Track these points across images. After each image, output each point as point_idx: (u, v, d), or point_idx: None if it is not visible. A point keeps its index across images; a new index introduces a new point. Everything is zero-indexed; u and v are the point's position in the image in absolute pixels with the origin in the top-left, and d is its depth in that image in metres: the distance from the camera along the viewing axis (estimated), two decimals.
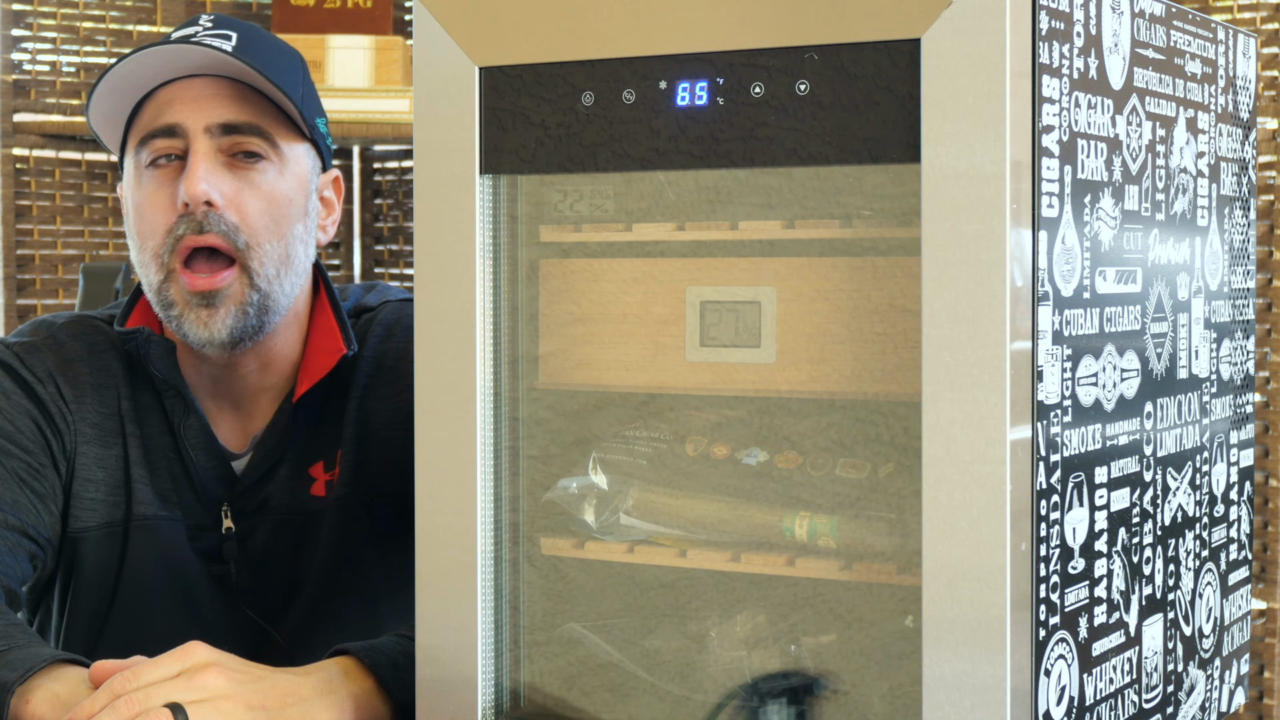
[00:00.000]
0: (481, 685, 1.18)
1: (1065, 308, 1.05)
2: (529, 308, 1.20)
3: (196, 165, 1.51)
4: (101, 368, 1.60)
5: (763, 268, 1.14)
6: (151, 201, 1.54)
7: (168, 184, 1.54)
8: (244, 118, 1.54)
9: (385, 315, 1.68)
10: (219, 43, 1.53)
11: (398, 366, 1.64)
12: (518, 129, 1.16)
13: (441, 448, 1.18)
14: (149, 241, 1.55)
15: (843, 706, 1.12)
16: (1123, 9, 1.13)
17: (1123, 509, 1.14)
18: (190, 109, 1.53)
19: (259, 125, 1.54)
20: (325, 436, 1.63)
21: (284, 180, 1.56)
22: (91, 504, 1.58)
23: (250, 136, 1.54)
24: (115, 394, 1.60)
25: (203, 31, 1.55)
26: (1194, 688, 1.28)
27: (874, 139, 1.04)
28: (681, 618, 1.17)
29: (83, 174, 3.18)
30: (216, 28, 1.56)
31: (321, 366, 1.60)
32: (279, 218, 1.55)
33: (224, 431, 1.62)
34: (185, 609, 1.60)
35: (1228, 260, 1.34)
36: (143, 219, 1.55)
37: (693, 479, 1.17)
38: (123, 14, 3.21)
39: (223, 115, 1.53)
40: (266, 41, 1.59)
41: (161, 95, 1.54)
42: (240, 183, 1.54)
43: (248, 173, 1.54)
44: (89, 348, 1.61)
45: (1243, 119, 1.37)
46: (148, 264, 1.55)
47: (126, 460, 1.58)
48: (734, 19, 1.08)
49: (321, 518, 1.62)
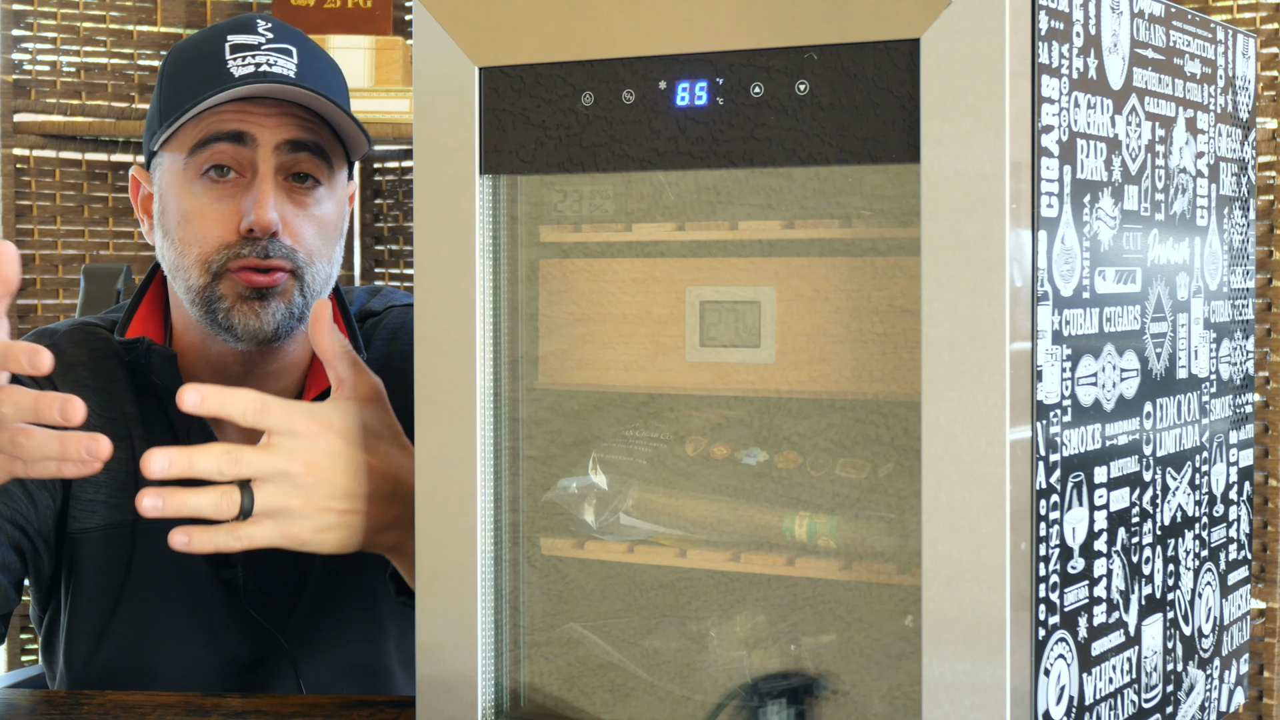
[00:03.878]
0: (481, 685, 1.18)
1: (1065, 308, 1.05)
2: (529, 308, 1.20)
3: (267, 194, 1.53)
4: (104, 373, 1.60)
5: (762, 268, 1.14)
6: (205, 213, 1.55)
7: (226, 199, 1.55)
8: (311, 136, 1.56)
9: (391, 320, 1.70)
10: (285, 62, 1.54)
11: (402, 369, 1.65)
12: (518, 129, 1.16)
13: (441, 448, 1.18)
14: (194, 249, 1.55)
15: (842, 706, 1.12)
16: (1122, 9, 1.13)
17: (1122, 509, 1.14)
18: (260, 121, 1.54)
19: (322, 146, 1.57)
20: None
21: (332, 204, 1.59)
22: (92, 505, 1.58)
23: (313, 156, 1.56)
24: (118, 399, 1.60)
25: (266, 44, 1.55)
26: (1193, 687, 1.28)
27: (873, 139, 1.04)
28: (681, 618, 1.18)
29: (83, 174, 3.18)
30: (278, 39, 1.56)
31: None
32: (328, 241, 1.60)
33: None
34: (192, 611, 1.60)
35: (1227, 260, 1.34)
36: (191, 227, 1.55)
37: (693, 479, 1.17)
38: (123, 14, 3.21)
39: (293, 132, 1.54)
40: (323, 59, 1.60)
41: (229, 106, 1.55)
42: (297, 208, 1.56)
43: (304, 198, 1.57)
44: (91, 354, 1.61)
45: (1242, 119, 1.37)
46: (188, 269, 1.56)
47: (134, 464, 1.59)
48: (734, 19, 1.08)
49: None
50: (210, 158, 1.54)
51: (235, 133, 1.53)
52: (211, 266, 1.54)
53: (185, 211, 1.55)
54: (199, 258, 1.55)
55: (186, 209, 1.55)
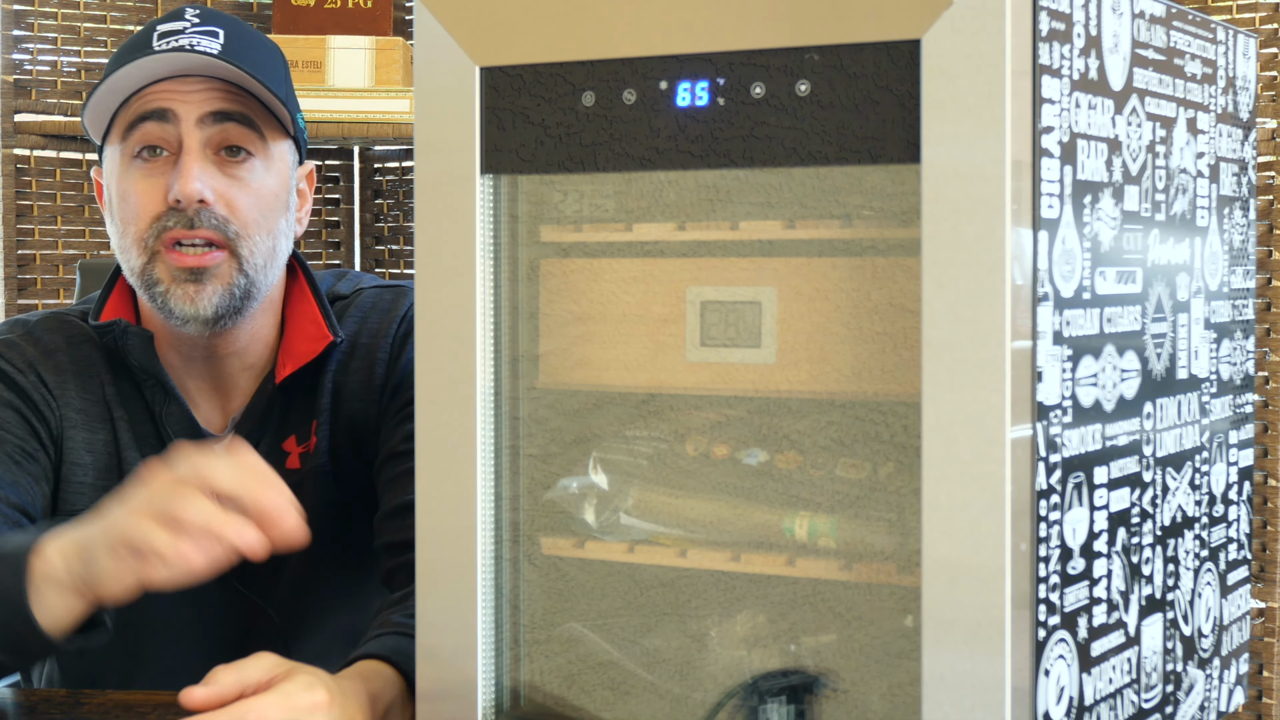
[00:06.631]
0: (481, 685, 1.18)
1: (1065, 308, 1.05)
2: (529, 307, 1.20)
3: (190, 164, 1.55)
4: (81, 357, 1.63)
5: (763, 268, 1.14)
6: (137, 189, 1.58)
7: (155, 175, 1.58)
8: (236, 108, 1.58)
9: (362, 301, 1.73)
10: (208, 42, 1.56)
11: (371, 343, 1.68)
12: (518, 129, 1.16)
13: (441, 447, 1.18)
14: (131, 227, 1.58)
15: (842, 705, 1.12)
16: (1123, 10, 1.13)
17: (1122, 509, 1.14)
18: (183, 97, 1.57)
19: (249, 115, 1.57)
20: (299, 412, 1.67)
21: (270, 176, 1.60)
22: (81, 487, 1.60)
23: (241, 126, 1.58)
24: (98, 381, 1.63)
25: (191, 28, 1.58)
26: (1193, 687, 1.28)
27: (874, 139, 1.04)
28: (681, 617, 1.18)
29: (83, 174, 3.18)
30: (204, 24, 1.59)
31: (306, 352, 1.65)
32: (267, 212, 1.60)
33: (203, 412, 1.65)
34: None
35: (1227, 260, 1.34)
36: (126, 206, 1.58)
37: (693, 478, 1.17)
38: (123, 14, 3.21)
39: (216, 104, 1.57)
40: (252, 38, 1.62)
41: (151, 88, 1.57)
42: (230, 180, 1.58)
43: (237, 169, 1.58)
44: (67, 339, 1.64)
45: (1242, 119, 1.37)
46: (129, 249, 1.59)
47: (117, 444, 1.61)
48: (734, 19, 1.08)
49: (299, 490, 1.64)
50: (140, 139, 1.57)
51: (159, 110, 1.56)
52: (148, 243, 1.56)
53: (122, 192, 1.59)
54: (136, 236, 1.57)
55: (123, 189, 1.59)
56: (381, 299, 1.72)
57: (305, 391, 1.66)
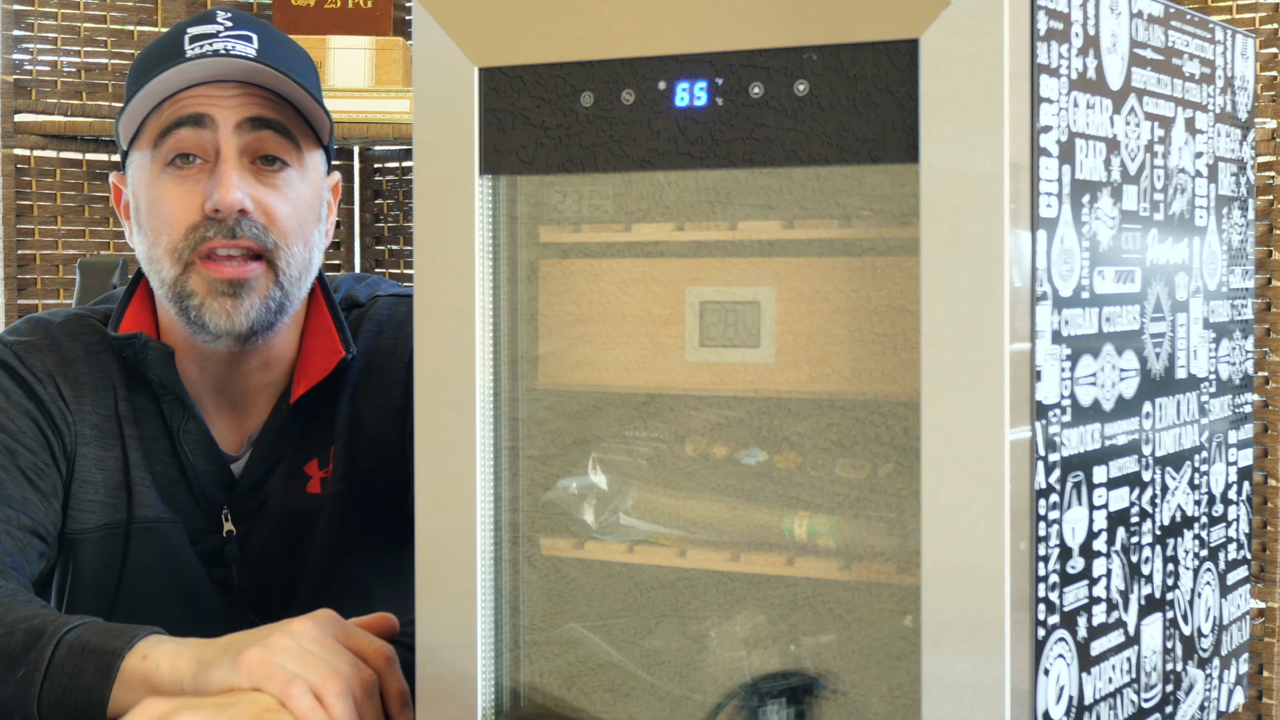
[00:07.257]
0: (481, 685, 1.18)
1: (1064, 308, 1.06)
2: (528, 308, 1.20)
3: (229, 172, 1.51)
4: (99, 368, 1.60)
5: (762, 268, 1.14)
6: (171, 199, 1.53)
7: (190, 183, 1.53)
8: (273, 115, 1.54)
9: (378, 312, 1.68)
10: (244, 46, 1.53)
11: (387, 363, 1.64)
12: (517, 129, 1.16)
13: (441, 448, 1.18)
14: (164, 237, 1.53)
15: (842, 706, 1.12)
16: (1121, 9, 1.13)
17: (1121, 509, 1.14)
18: (220, 102, 1.53)
19: (287, 125, 1.54)
20: (319, 433, 1.63)
21: (305, 186, 1.57)
22: (90, 505, 1.58)
23: (278, 135, 1.54)
24: (112, 395, 1.59)
25: (225, 31, 1.54)
26: (1193, 687, 1.28)
27: (873, 139, 1.04)
28: (681, 618, 1.18)
29: (83, 174, 3.18)
30: (237, 27, 1.55)
31: (320, 368, 1.61)
32: (303, 222, 1.56)
33: (220, 430, 1.62)
34: (187, 611, 1.60)
35: (1226, 260, 1.34)
36: (158, 215, 1.54)
37: (692, 479, 1.17)
38: (123, 14, 3.21)
39: (253, 110, 1.53)
40: (285, 44, 1.59)
41: (185, 93, 1.54)
42: (267, 189, 1.54)
43: (273, 178, 1.54)
44: (86, 348, 1.61)
45: (1241, 119, 1.37)
46: (160, 260, 1.54)
47: (126, 462, 1.58)
48: (733, 19, 1.08)
49: (317, 515, 1.63)
50: (174, 146, 1.53)
51: (194, 116, 1.52)
52: (182, 254, 1.52)
53: (153, 201, 1.54)
54: (169, 246, 1.53)
55: (154, 198, 1.54)
56: (397, 310, 1.68)
57: (323, 412, 1.63)
